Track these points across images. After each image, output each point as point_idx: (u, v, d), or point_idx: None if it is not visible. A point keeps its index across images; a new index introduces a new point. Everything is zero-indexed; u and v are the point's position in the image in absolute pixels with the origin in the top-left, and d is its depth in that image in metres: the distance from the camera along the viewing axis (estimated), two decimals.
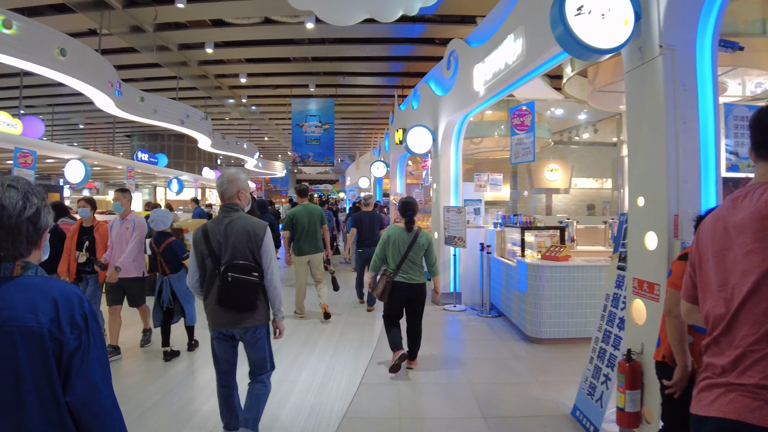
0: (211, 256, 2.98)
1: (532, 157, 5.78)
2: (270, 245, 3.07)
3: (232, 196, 3.09)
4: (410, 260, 4.88)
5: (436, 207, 8.35)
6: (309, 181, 45.64)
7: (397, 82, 15.41)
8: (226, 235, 2.98)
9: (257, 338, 3.10)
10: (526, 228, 6.71)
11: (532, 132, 5.79)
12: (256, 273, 2.97)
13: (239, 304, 2.96)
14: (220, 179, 3.14)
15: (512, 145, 6.02)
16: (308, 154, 18.29)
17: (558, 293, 5.88)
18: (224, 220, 3.02)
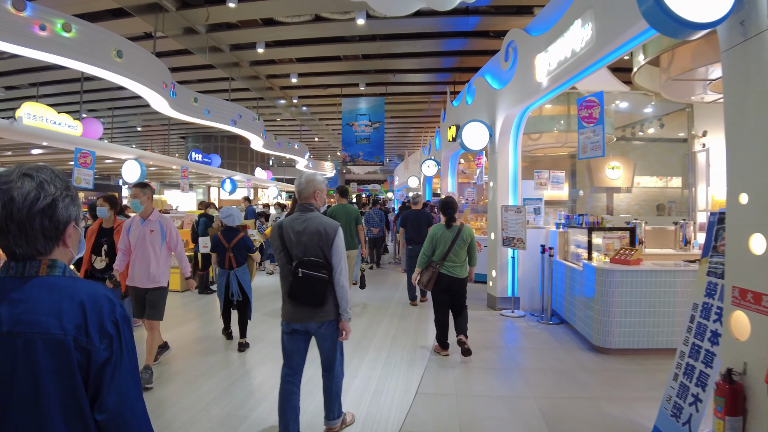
0: (284, 251, 3.15)
1: (601, 152, 5.36)
2: (341, 245, 3.17)
3: (308, 196, 3.22)
4: (453, 254, 5.25)
5: (493, 206, 8.00)
6: (357, 181, 45.81)
7: (448, 78, 15.07)
8: (299, 233, 3.11)
9: (330, 331, 3.21)
10: (594, 229, 6.28)
11: (601, 124, 5.37)
12: (325, 270, 3.07)
13: (308, 299, 3.08)
14: (299, 180, 3.27)
15: (579, 140, 5.61)
16: (358, 154, 18.27)
17: (629, 300, 5.45)
18: (299, 218, 3.16)
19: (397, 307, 7.90)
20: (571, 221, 7.07)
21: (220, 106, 14.15)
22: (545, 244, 7.51)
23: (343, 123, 18.19)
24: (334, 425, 3.47)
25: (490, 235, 8.14)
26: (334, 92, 17.60)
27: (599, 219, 6.30)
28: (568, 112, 10.07)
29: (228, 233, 5.59)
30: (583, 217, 6.63)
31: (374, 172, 41.13)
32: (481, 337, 6.17)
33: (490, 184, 8.17)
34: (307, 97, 18.78)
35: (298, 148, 24.39)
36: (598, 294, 5.54)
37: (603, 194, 14.74)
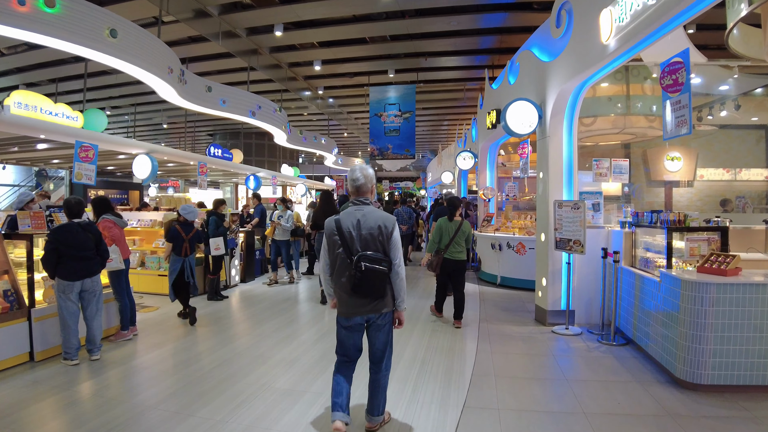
0: (343, 246, 3.24)
1: (687, 129, 4.20)
2: (398, 238, 3.32)
3: (367, 191, 3.38)
4: (456, 242, 6.62)
5: (544, 202, 6.85)
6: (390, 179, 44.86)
7: (486, 61, 13.83)
8: (359, 227, 3.25)
9: (387, 322, 3.38)
10: (675, 229, 5.07)
11: (687, 92, 4.21)
12: (385, 264, 3.20)
13: (371, 291, 3.21)
14: (355, 174, 3.37)
15: (664, 115, 4.45)
16: (387, 147, 17.16)
17: (728, 322, 4.29)
18: (357, 213, 3.29)
19: (426, 322, 6.85)
20: (641, 219, 5.86)
21: (236, 96, 13.36)
22: (606, 247, 6.34)
23: (370, 114, 17.09)
24: (376, 422, 3.49)
25: (540, 236, 6.99)
26: (362, 81, 16.54)
27: (681, 217, 5.08)
28: (627, 93, 8.78)
29: (186, 227, 6.91)
30: (659, 214, 5.42)
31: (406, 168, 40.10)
32: (531, 364, 5.07)
33: (539, 176, 7.02)
34: (333, 87, 17.79)
35: (326, 143, 23.51)
36: (685, 313, 4.37)
37: (660, 188, 13.29)
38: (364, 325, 3.35)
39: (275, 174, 19.68)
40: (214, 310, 7.61)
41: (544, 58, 6.96)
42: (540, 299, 6.92)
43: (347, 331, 3.34)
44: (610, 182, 7.18)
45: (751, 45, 5.63)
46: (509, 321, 6.84)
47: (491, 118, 9.82)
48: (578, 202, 6.16)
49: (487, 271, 10.23)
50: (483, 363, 4.99)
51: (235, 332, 6.32)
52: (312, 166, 36.53)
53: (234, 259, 9.67)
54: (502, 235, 9.85)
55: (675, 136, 4.33)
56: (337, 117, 23.45)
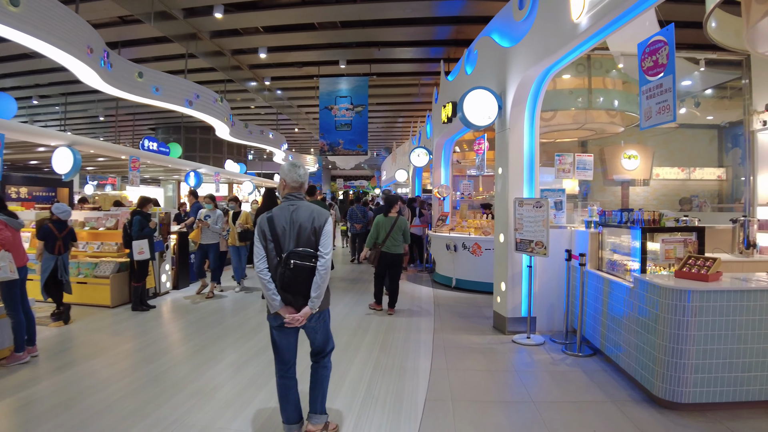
0: (274, 242, 3.10)
1: (671, 116, 3.72)
2: (330, 231, 3.18)
3: (301, 186, 3.26)
4: (392, 237, 7.10)
5: (503, 200, 6.32)
6: (344, 177, 44.07)
7: (442, 54, 13.29)
8: (292, 222, 3.13)
9: (323, 321, 3.27)
10: (651, 230, 4.60)
11: (671, 74, 3.71)
12: (315, 260, 3.07)
13: (301, 289, 3.06)
14: (297, 170, 3.23)
15: (642, 101, 3.96)
16: (338, 142, 16.31)
17: (710, 333, 3.85)
18: (290, 207, 3.16)
19: (377, 332, 6.18)
20: (609, 219, 5.40)
21: (172, 84, 12.24)
22: (570, 249, 5.88)
23: (320, 107, 16.17)
24: (318, 424, 3.33)
25: (498, 237, 6.46)
26: (311, 71, 15.68)
27: (655, 216, 4.63)
28: (589, 86, 8.42)
29: (59, 225, 6.59)
30: (630, 213, 4.95)
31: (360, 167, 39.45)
32: (492, 383, 4.49)
33: (498, 172, 6.48)
34: (281, 78, 16.81)
35: (274, 138, 22.47)
36: (664, 324, 3.91)
37: (617, 187, 13.21)
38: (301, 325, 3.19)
39: (218, 170, 18.53)
40: (136, 323, 6.67)
41: (504, 43, 6.43)
42: (499, 305, 6.39)
43: (279, 331, 3.19)
44: (575, 179, 6.75)
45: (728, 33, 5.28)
46: (466, 329, 6.27)
47: (447, 112, 9.28)
48: (541, 200, 5.65)
49: (442, 273, 9.69)
50: (438, 384, 4.37)
51: (153, 351, 5.44)
52: (261, 163, 35.20)
53: (164, 263, 8.68)
54: (457, 235, 9.33)
55: (656, 124, 3.84)
56: (287, 111, 22.44)
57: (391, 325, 6.45)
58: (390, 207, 7.26)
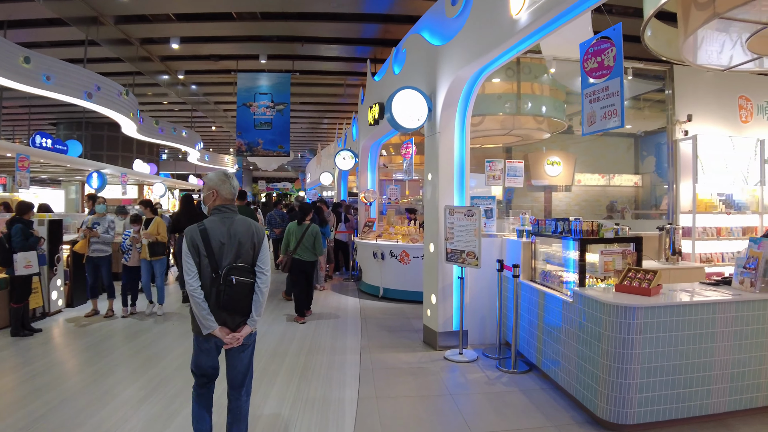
0: (209, 258, 2.87)
1: (619, 121, 3.48)
2: (267, 248, 3.08)
3: (233, 198, 3.07)
4: (304, 244, 7.18)
5: (433, 207, 5.95)
6: (266, 179, 42.59)
7: (368, 53, 12.88)
8: (230, 236, 2.94)
9: (251, 342, 3.09)
10: (590, 241, 4.38)
11: (618, 76, 3.47)
12: (253, 276, 2.96)
13: (242, 307, 2.92)
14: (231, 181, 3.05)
15: (584, 105, 3.70)
16: (257, 141, 15.32)
17: (655, 350, 3.68)
18: (226, 221, 2.97)
19: (299, 349, 5.59)
20: (543, 228, 5.18)
21: (67, 72, 10.86)
22: (502, 259, 5.62)
23: (238, 103, 15.13)
24: None
25: (428, 246, 6.08)
26: (229, 66, 14.67)
27: (594, 226, 4.42)
28: (518, 91, 8.32)
29: None
30: (566, 222, 4.73)
31: (284, 168, 38.31)
32: (426, 412, 4.06)
33: (427, 178, 6.11)
34: (196, 72, 15.62)
35: (188, 137, 21.02)
36: (608, 343, 3.68)
37: (540, 193, 13.45)
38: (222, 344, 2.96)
39: (125, 171, 16.97)
40: (17, 351, 5.62)
41: (435, 41, 6.08)
42: (429, 319, 6.01)
43: (205, 352, 2.97)
44: (505, 186, 6.54)
45: (660, 42, 5.26)
46: (395, 346, 5.83)
47: (373, 113, 8.86)
48: (472, 208, 5.33)
49: (369, 282, 9.23)
50: (367, 418, 3.86)
51: (37, 385, 4.51)
52: (175, 163, 33.11)
53: (55, 278, 7.49)
54: (385, 242, 8.92)
55: (601, 129, 3.59)
56: (203, 108, 21.07)
57: (314, 344, 5.88)
58: (305, 215, 7.29)
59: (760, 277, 4.03)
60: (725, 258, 7.04)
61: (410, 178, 8.91)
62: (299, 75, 15.07)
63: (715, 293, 4.01)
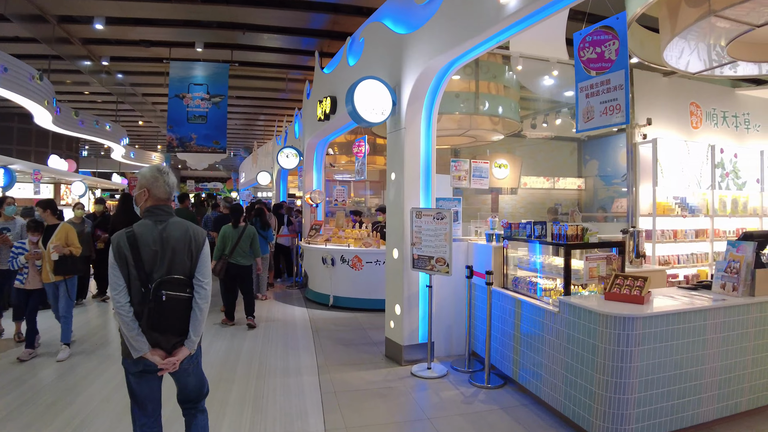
0: (137, 269, 2.47)
1: (622, 117, 3.20)
2: (208, 254, 2.70)
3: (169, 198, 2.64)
4: (240, 248, 6.96)
5: (397, 209, 5.53)
6: (195, 179, 40.56)
7: (314, 46, 12.22)
8: (163, 242, 2.53)
9: (196, 363, 2.71)
10: (575, 245, 4.11)
11: (623, 68, 3.19)
12: (189, 289, 2.56)
13: (175, 326, 2.53)
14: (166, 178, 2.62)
15: (579, 99, 3.41)
16: (190, 136, 14.18)
17: (652, 362, 3.48)
18: (158, 225, 2.55)
19: (242, 365, 4.97)
20: (516, 232, 4.90)
21: None
22: (471, 265, 5.30)
23: (170, 94, 13.96)
24: None
25: (391, 252, 5.64)
26: (161, 53, 13.52)
27: (579, 231, 4.15)
28: (476, 90, 8.09)
29: None
30: (543, 226, 4.45)
31: (215, 167, 36.65)
32: None
33: (390, 178, 5.68)
34: (123, 59, 14.27)
35: (112, 131, 19.43)
36: (605, 356, 3.44)
37: (487, 196, 13.41)
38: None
39: (39, 167, 15.35)
40: None
41: (400, 30, 5.67)
42: (392, 331, 5.56)
43: (139, 378, 2.55)
44: (470, 186, 6.23)
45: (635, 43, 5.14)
46: (355, 363, 5.34)
47: (324, 107, 8.33)
48: (442, 210, 4.96)
49: (317, 290, 8.66)
50: None
51: None
52: (97, 161, 30.77)
53: None
54: (335, 247, 8.40)
55: (601, 126, 3.31)
56: (130, 100, 19.52)
57: (264, 364, 5.27)
58: (238, 217, 7.14)
59: (742, 280, 3.94)
60: (681, 260, 7.13)
61: (362, 178, 8.44)
62: (238, 66, 14.14)
63: (702, 299, 3.87)
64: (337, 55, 8.53)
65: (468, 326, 5.35)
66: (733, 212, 7.52)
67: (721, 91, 8.06)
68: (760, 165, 7.81)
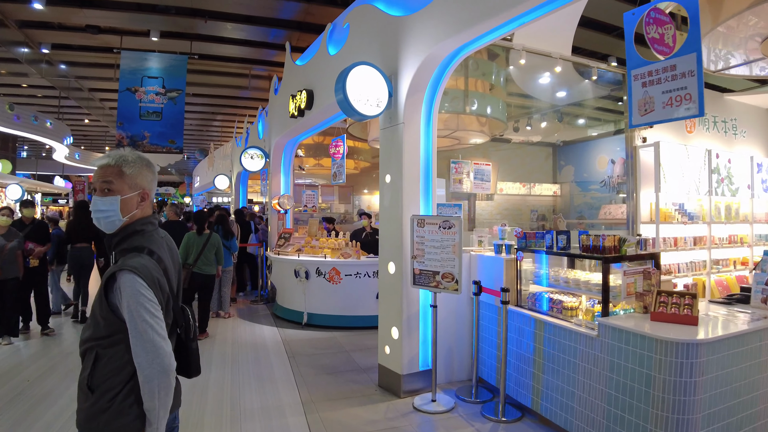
0: (172, 299, 1.86)
1: (695, 108, 2.74)
2: None
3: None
4: (205, 257, 6.80)
5: (393, 217, 4.93)
6: None
7: (283, 38, 11.45)
8: (174, 261, 1.93)
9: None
10: (613, 258, 3.62)
11: (695, 51, 2.73)
12: None
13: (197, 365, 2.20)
14: (151, 166, 1.88)
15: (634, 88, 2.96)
16: (143, 134, 13.04)
17: (714, 392, 3.04)
18: (165, 237, 1.95)
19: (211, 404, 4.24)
20: (531, 242, 4.39)
21: None
22: (478, 280, 4.77)
23: (120, 87, 12.83)
24: None
25: (386, 266, 5.02)
26: (111, 41, 12.41)
27: (615, 242, 3.66)
28: (466, 88, 7.61)
29: None
30: (569, 236, 3.96)
31: (167, 171, 35.09)
32: None
33: (385, 180, 5.07)
34: (66, 47, 13.02)
35: (54, 129, 17.98)
36: (665, 389, 3.03)
37: (464, 201, 13.00)
38: None
39: None
40: None
41: (395, 12, 5.10)
42: (388, 358, 4.92)
43: None
44: (471, 190, 5.72)
45: None
46: (346, 397, 4.68)
47: (299, 102, 7.67)
48: (450, 218, 4.41)
49: (287, 306, 7.94)
50: None
51: None
52: (37, 162, 28.79)
53: None
54: (310, 258, 7.71)
55: (662, 120, 2.82)
56: (75, 95, 18.12)
57: (237, 403, 4.54)
58: (203, 224, 6.97)
59: None
60: (681, 269, 6.85)
61: (341, 181, 7.81)
62: (197, 59, 13.17)
63: (747, 315, 3.50)
64: (313, 46, 7.88)
65: (475, 350, 4.79)
66: (727, 219, 7.35)
67: (710, 96, 7.93)
68: (750, 171, 7.69)
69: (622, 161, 11.15)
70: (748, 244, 7.61)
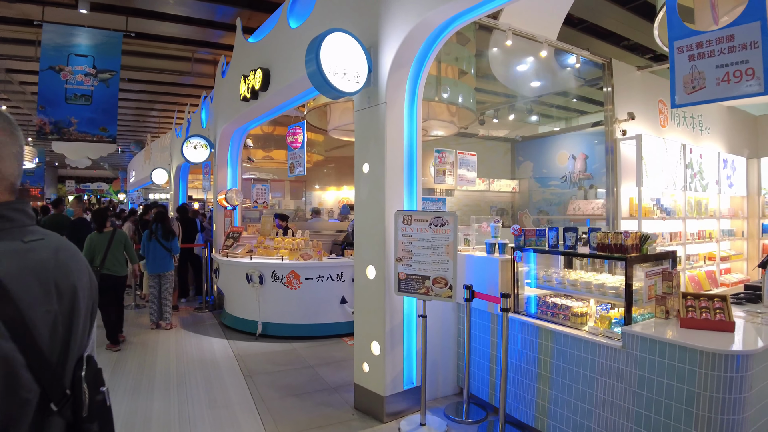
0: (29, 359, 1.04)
1: (760, 85, 2.40)
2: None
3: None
4: (113, 255, 6.43)
5: (373, 211, 4.40)
6: (76, 179, 36.24)
7: (231, 17, 10.60)
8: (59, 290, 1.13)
9: None
10: (636, 259, 3.25)
11: (761, 18, 2.38)
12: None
13: None
14: (19, 133, 1.16)
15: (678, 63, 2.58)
16: (69, 121, 11.70)
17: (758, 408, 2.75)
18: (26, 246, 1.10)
19: None
20: (530, 241, 3.98)
21: None
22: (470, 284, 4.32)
23: (42, 65, 11.44)
24: None
25: (364, 271, 4.46)
26: (31, 12, 11.07)
27: (636, 240, 3.29)
28: (438, 74, 7.16)
29: None
30: (576, 233, 3.57)
31: (99, 165, 32.91)
32: None
33: (362, 170, 4.51)
34: None
35: None
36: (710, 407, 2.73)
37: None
38: None
39: None
40: None
41: None
42: (367, 377, 4.37)
43: None
44: (456, 184, 5.28)
45: None
46: (320, 425, 4.10)
47: (252, 82, 7.01)
48: (443, 214, 3.92)
49: (238, 315, 7.25)
50: None
51: None
52: None
53: None
54: (264, 260, 7.07)
55: (717, 99, 2.44)
56: None
57: None
58: (103, 221, 6.61)
59: None
60: None
61: (300, 173, 7.17)
62: (134, 38, 12.01)
63: None
64: (270, 20, 7.21)
65: (466, 363, 4.34)
66: (698, 214, 7.34)
67: None
68: (717, 167, 7.72)
69: (583, 157, 11.14)
70: (716, 239, 7.63)
